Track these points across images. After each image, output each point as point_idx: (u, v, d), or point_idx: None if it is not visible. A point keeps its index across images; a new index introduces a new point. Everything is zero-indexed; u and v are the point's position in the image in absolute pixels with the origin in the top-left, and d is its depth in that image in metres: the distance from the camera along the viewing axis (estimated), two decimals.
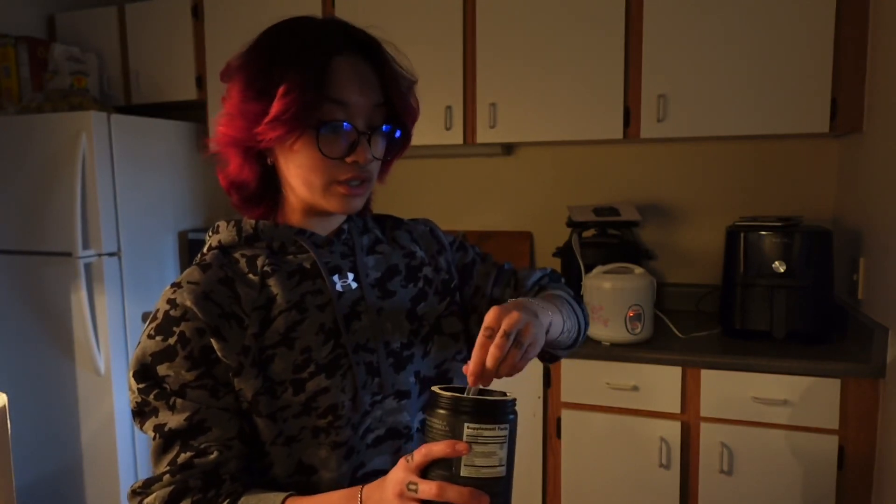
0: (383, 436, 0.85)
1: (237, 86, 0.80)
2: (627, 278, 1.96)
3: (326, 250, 0.87)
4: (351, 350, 0.83)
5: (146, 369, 0.78)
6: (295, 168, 0.81)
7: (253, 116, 0.78)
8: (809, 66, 1.96)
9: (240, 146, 0.81)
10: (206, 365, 0.77)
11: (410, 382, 0.88)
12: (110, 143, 2.40)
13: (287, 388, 0.79)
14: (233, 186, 0.86)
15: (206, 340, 0.77)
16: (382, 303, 0.89)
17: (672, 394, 1.89)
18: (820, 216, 2.29)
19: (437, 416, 0.66)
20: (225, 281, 0.80)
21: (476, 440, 0.64)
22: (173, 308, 0.78)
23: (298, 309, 0.82)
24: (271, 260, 0.83)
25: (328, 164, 0.79)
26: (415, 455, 0.66)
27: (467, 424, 0.64)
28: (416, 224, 1.01)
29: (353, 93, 0.78)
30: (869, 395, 1.74)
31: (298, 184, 0.82)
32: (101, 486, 2.47)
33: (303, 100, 0.76)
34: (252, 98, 0.78)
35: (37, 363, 2.52)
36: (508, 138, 2.31)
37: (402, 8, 2.37)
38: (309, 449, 0.81)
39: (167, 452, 0.78)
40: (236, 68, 0.81)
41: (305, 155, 0.79)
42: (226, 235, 0.85)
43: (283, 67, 0.77)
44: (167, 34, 2.74)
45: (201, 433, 0.77)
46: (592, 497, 2.00)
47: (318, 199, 0.82)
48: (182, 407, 0.77)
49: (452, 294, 0.96)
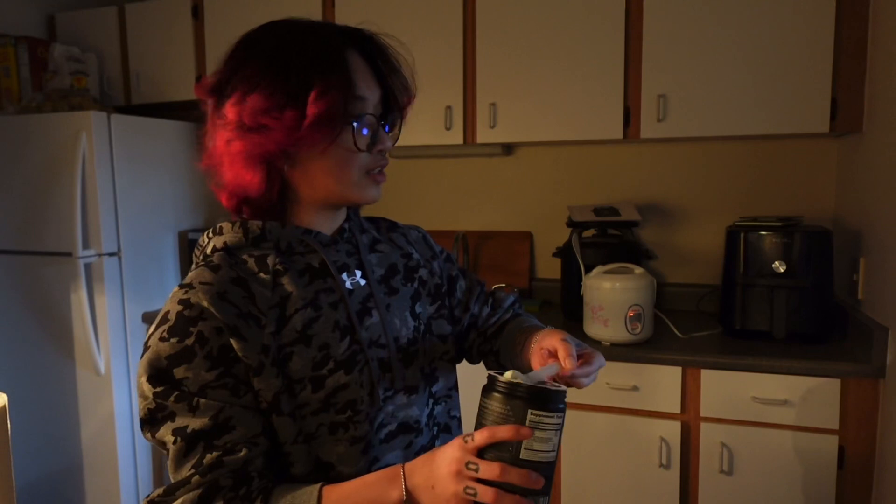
0: (395, 431, 0.87)
1: (261, 96, 0.77)
2: (627, 278, 1.96)
3: (333, 249, 0.88)
4: (366, 346, 0.84)
5: (162, 373, 0.75)
6: (325, 167, 0.81)
7: (291, 123, 0.77)
8: (809, 66, 1.96)
9: (267, 159, 0.80)
10: (225, 364, 0.76)
11: (418, 377, 0.91)
12: (110, 143, 2.40)
13: (306, 386, 0.80)
14: (248, 203, 0.83)
15: (225, 339, 0.75)
16: (389, 299, 0.91)
17: (672, 394, 1.89)
18: (820, 216, 2.29)
19: (500, 400, 0.69)
20: (238, 281, 0.79)
21: (537, 426, 0.67)
22: (188, 308, 0.76)
23: (313, 307, 0.82)
24: (281, 259, 0.83)
25: (361, 156, 0.82)
26: (475, 436, 0.67)
27: (531, 410, 0.67)
28: (410, 229, 1.05)
29: (368, 87, 0.82)
30: (869, 395, 1.74)
31: (329, 183, 0.82)
32: (101, 486, 2.47)
33: (338, 98, 0.78)
34: (284, 106, 0.77)
35: (37, 363, 2.52)
36: (508, 138, 2.31)
37: (402, 8, 2.37)
38: (326, 445, 0.81)
39: (191, 455, 0.75)
40: (249, 79, 0.78)
41: (339, 152, 0.80)
42: (231, 237, 0.84)
43: (304, 71, 0.77)
44: (167, 34, 2.74)
45: (226, 432, 0.75)
46: (592, 497, 2.00)
47: (351, 192, 0.83)
48: (206, 407, 0.75)
49: (443, 298, 1.00)
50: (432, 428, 0.94)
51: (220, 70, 0.82)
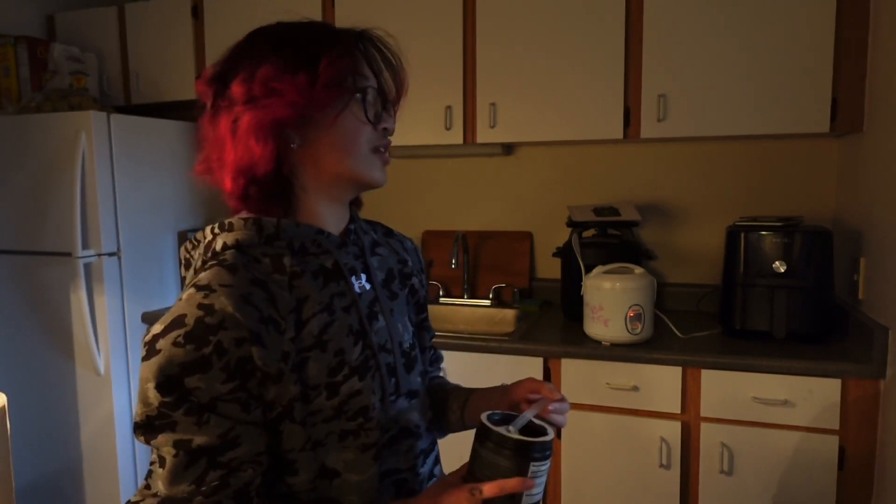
0: (397, 435, 0.86)
1: (272, 66, 0.78)
2: (627, 278, 1.95)
3: (343, 251, 0.86)
4: (377, 351, 0.84)
5: (172, 380, 0.70)
6: (333, 141, 0.81)
7: (305, 83, 0.77)
8: (810, 66, 1.96)
9: (278, 128, 0.78)
10: (241, 377, 0.72)
11: (418, 382, 0.91)
12: (110, 142, 2.40)
13: (321, 392, 0.78)
14: (255, 183, 0.79)
15: (245, 350, 0.71)
16: (392, 304, 0.91)
17: (672, 394, 1.89)
18: (820, 216, 2.29)
19: (500, 453, 0.74)
20: (257, 282, 0.75)
21: (535, 475, 0.74)
22: (209, 315, 0.70)
23: (328, 311, 0.80)
24: (296, 260, 0.80)
25: (367, 130, 0.83)
26: (484, 490, 0.72)
27: (532, 463, 0.74)
28: (405, 239, 1.05)
29: (367, 74, 0.84)
30: (869, 395, 1.74)
31: (338, 158, 0.81)
32: (101, 486, 2.47)
33: (348, 65, 0.79)
34: (296, 70, 0.77)
35: (37, 363, 2.52)
36: (508, 138, 2.31)
37: (402, 7, 2.37)
38: (333, 453, 0.80)
39: (192, 470, 0.72)
40: (258, 57, 0.79)
41: (347, 124, 0.81)
42: (244, 234, 0.79)
43: (313, 45, 0.79)
44: (167, 34, 2.73)
45: (231, 448, 0.72)
46: (592, 497, 2.00)
47: (360, 167, 0.83)
48: (215, 423, 0.71)
49: (423, 311, 1.03)
50: (433, 431, 0.95)
51: (224, 59, 0.82)
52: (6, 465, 0.72)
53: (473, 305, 2.61)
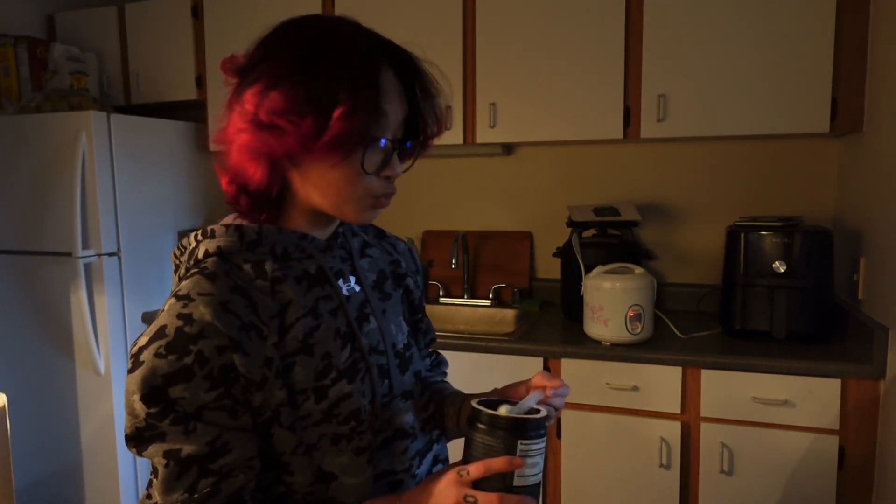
0: (391, 437, 0.86)
1: (284, 96, 0.72)
2: (627, 278, 1.95)
3: (329, 255, 0.85)
4: (367, 353, 0.83)
5: (156, 391, 0.70)
6: (329, 180, 0.76)
7: (308, 133, 0.72)
8: (810, 65, 1.96)
9: (272, 159, 0.75)
10: (225, 385, 0.72)
11: (412, 382, 0.91)
12: (110, 142, 2.40)
13: (309, 397, 0.77)
14: (246, 194, 0.78)
15: (227, 358, 0.71)
16: (384, 304, 0.90)
17: (672, 394, 1.89)
18: (820, 216, 2.29)
19: (490, 433, 0.73)
20: (237, 289, 0.75)
21: (527, 454, 0.73)
22: (188, 324, 0.71)
23: (313, 315, 0.80)
24: (279, 265, 0.79)
25: (368, 178, 0.77)
26: (471, 469, 0.71)
27: (520, 441, 0.72)
28: (398, 240, 1.04)
29: (394, 106, 0.77)
30: (869, 395, 1.74)
31: (327, 194, 0.78)
32: (101, 486, 2.47)
33: (363, 121, 0.73)
34: (304, 112, 0.72)
35: (37, 363, 2.52)
36: (508, 138, 2.31)
37: (401, 7, 2.37)
38: (328, 456, 0.80)
39: (184, 479, 0.72)
40: (275, 73, 0.74)
41: (346, 170, 0.76)
42: (225, 241, 0.78)
43: (333, 81, 0.72)
44: (167, 34, 2.73)
45: (221, 455, 0.73)
46: (593, 497, 2.00)
47: (345, 210, 0.79)
48: (202, 431, 0.71)
49: (417, 312, 1.02)
50: (430, 432, 0.94)
51: (251, 53, 0.78)
52: (6, 465, 0.72)
53: (473, 305, 2.61)
